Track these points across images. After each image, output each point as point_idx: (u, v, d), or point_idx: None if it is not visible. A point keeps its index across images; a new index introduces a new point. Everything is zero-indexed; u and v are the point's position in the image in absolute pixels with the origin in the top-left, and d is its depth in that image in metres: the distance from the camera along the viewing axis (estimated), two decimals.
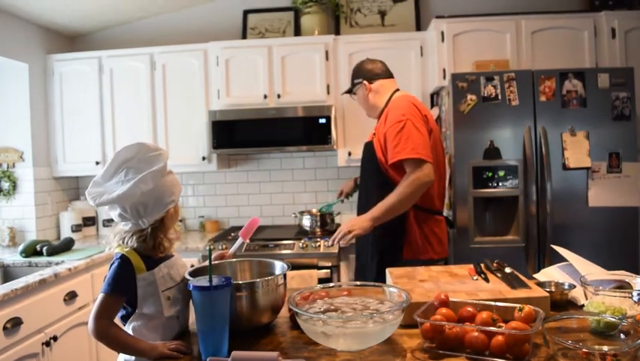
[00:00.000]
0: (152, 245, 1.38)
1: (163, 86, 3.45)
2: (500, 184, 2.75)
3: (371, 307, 1.25)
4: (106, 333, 1.27)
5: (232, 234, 3.34)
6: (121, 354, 1.37)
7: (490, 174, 2.74)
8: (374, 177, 2.18)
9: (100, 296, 1.30)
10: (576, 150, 2.69)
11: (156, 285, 1.35)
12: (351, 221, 2.03)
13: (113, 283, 1.30)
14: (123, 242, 1.37)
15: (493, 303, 1.24)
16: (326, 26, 3.61)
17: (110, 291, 1.29)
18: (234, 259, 1.60)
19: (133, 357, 1.30)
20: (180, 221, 3.69)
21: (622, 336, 1.13)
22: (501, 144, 2.72)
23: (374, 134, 2.23)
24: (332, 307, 1.25)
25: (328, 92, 3.32)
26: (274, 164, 3.78)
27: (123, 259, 1.34)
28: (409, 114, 2.07)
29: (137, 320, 1.34)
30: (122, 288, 1.31)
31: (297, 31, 3.69)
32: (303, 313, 1.15)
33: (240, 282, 1.35)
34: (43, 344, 2.28)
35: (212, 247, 2.97)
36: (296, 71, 3.35)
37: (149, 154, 1.36)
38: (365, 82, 2.32)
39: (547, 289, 1.46)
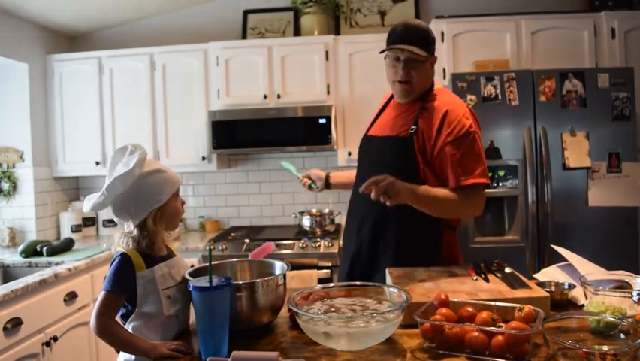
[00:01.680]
0: (145, 245, 1.38)
1: (163, 86, 3.46)
2: (500, 184, 2.75)
3: (370, 307, 1.25)
4: (107, 330, 1.28)
5: (232, 234, 3.34)
6: (121, 354, 1.37)
7: (490, 174, 2.73)
8: (407, 180, 1.66)
9: (101, 294, 1.31)
10: (576, 150, 2.69)
11: (156, 283, 1.35)
12: (396, 184, 1.53)
13: (114, 280, 1.31)
14: (122, 243, 1.39)
15: (493, 303, 1.24)
16: (326, 26, 3.61)
17: (111, 288, 1.30)
18: (235, 259, 1.60)
19: (133, 357, 1.31)
20: (180, 221, 3.68)
21: (622, 336, 1.13)
22: (501, 144, 2.72)
23: (413, 130, 1.72)
24: (332, 308, 1.25)
25: (328, 92, 3.33)
26: (274, 164, 3.78)
27: (123, 257, 1.35)
28: (475, 125, 1.71)
29: (137, 320, 1.35)
30: (123, 285, 1.32)
31: (297, 31, 3.69)
32: (305, 313, 1.15)
33: (240, 282, 1.35)
34: (43, 344, 2.28)
35: (212, 247, 2.97)
36: (296, 71, 3.35)
37: (123, 158, 1.38)
38: (436, 56, 1.79)
39: (547, 289, 1.45)
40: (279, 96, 3.35)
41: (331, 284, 1.38)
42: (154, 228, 1.38)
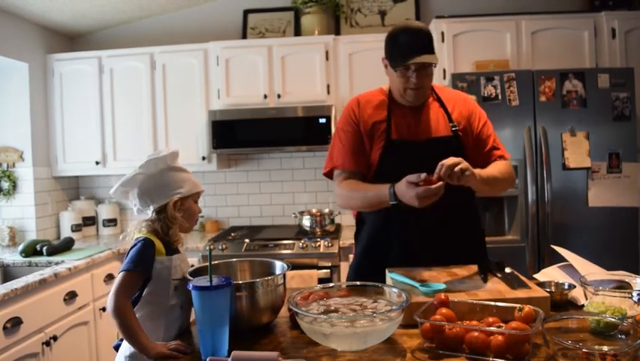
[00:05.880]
0: (162, 230, 1.44)
1: (163, 86, 3.46)
2: None
3: (368, 306, 1.25)
4: (123, 311, 1.29)
5: (232, 234, 3.34)
6: (120, 354, 1.38)
7: None
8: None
9: (121, 274, 1.34)
10: (576, 150, 2.69)
11: (170, 271, 1.40)
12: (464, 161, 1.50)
13: (136, 260, 1.35)
14: (139, 229, 1.45)
15: (493, 303, 1.24)
16: (326, 26, 3.61)
17: (133, 268, 1.34)
18: (234, 259, 1.60)
19: (130, 352, 1.32)
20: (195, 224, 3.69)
21: (622, 336, 1.13)
22: None
23: (455, 126, 1.74)
24: (332, 308, 1.25)
25: (328, 92, 3.33)
26: (274, 164, 3.78)
27: (146, 240, 1.40)
28: None
29: (142, 309, 1.38)
30: (144, 266, 1.36)
31: (297, 31, 3.69)
32: (307, 314, 1.15)
33: (240, 282, 1.35)
34: (43, 343, 2.28)
35: (212, 247, 2.97)
36: (296, 71, 3.35)
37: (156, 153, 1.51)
38: None
39: (547, 289, 1.45)
40: (279, 96, 3.35)
41: (331, 284, 1.38)
42: (173, 213, 1.44)
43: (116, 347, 1.43)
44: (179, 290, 1.42)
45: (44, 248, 2.85)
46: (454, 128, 1.74)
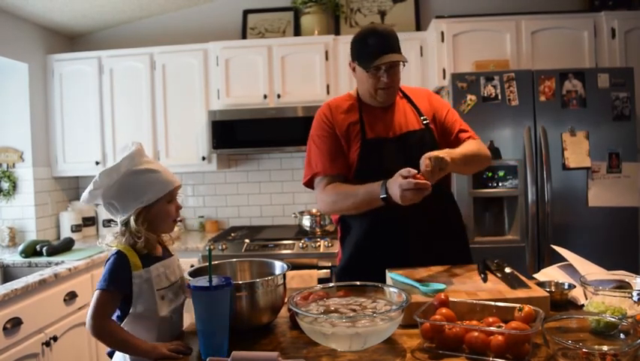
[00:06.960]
0: (131, 243, 1.35)
1: (163, 86, 3.46)
2: (500, 184, 2.75)
3: (367, 306, 1.25)
4: (105, 331, 1.25)
5: (232, 234, 3.34)
6: (117, 355, 1.35)
7: (490, 174, 2.74)
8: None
9: (96, 293, 1.27)
10: (576, 149, 2.69)
11: (151, 283, 1.33)
12: (441, 153, 1.50)
13: (110, 278, 1.28)
14: (114, 240, 1.37)
15: (493, 303, 1.24)
16: (326, 26, 3.61)
17: (107, 286, 1.27)
18: (234, 259, 1.60)
19: (128, 357, 1.30)
20: (180, 221, 3.69)
21: (622, 336, 1.13)
22: (501, 144, 2.72)
23: (427, 120, 1.77)
24: (331, 308, 1.25)
25: (328, 92, 3.32)
26: (274, 164, 3.78)
27: (119, 255, 1.32)
28: None
29: (132, 322, 1.32)
30: (119, 283, 1.28)
31: (297, 31, 3.69)
32: (307, 314, 1.15)
33: (240, 282, 1.35)
34: (43, 344, 2.28)
35: (212, 247, 2.98)
36: (296, 71, 3.35)
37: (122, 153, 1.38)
38: None
39: (547, 289, 1.45)
40: (279, 96, 3.35)
41: (331, 284, 1.38)
42: (136, 227, 1.33)
43: (110, 354, 1.38)
44: (168, 299, 1.36)
45: (44, 248, 2.85)
46: (425, 122, 1.78)
